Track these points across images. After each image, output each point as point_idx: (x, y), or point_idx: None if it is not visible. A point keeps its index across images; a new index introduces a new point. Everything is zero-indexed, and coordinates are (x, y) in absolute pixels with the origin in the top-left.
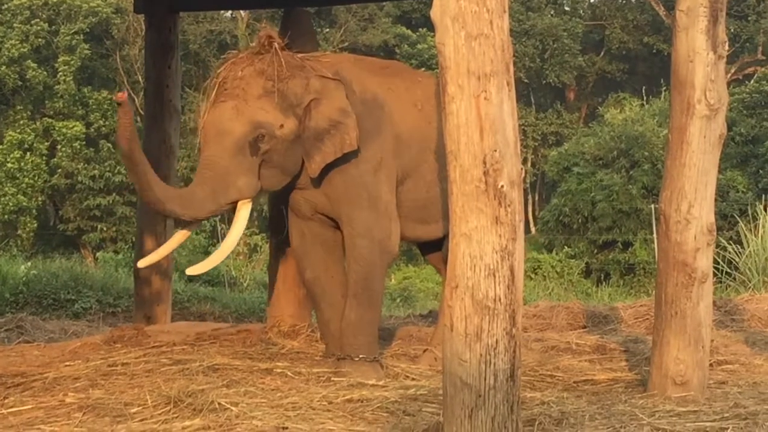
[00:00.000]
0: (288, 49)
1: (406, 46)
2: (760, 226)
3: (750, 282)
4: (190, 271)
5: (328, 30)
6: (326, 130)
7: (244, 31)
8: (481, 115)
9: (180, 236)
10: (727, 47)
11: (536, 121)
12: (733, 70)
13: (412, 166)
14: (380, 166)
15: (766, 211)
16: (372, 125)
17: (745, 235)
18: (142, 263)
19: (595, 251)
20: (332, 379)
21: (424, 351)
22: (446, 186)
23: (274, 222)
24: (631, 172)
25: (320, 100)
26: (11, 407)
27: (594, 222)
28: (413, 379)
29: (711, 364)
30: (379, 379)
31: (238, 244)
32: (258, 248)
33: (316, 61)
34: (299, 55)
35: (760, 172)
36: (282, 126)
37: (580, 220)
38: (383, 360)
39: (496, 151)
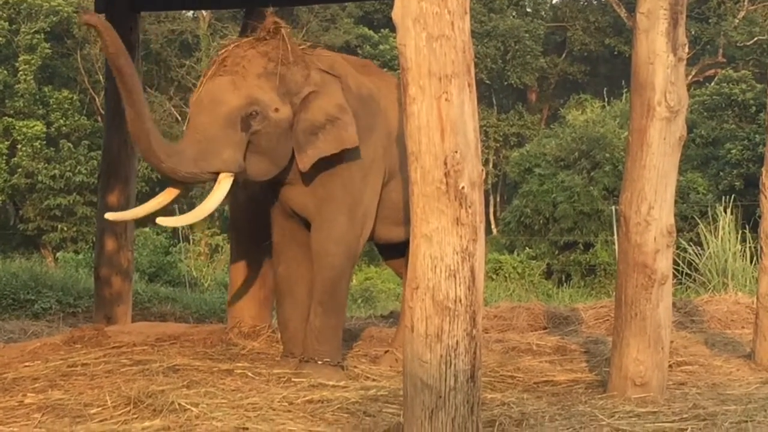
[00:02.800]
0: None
1: (368, 46)
2: (720, 228)
3: (710, 283)
4: (162, 220)
5: (289, 30)
6: (322, 125)
7: (205, 30)
8: (442, 117)
9: (158, 200)
10: (687, 49)
11: (498, 123)
12: (693, 73)
13: (398, 165)
14: (371, 168)
15: (725, 213)
16: (367, 123)
17: (705, 237)
18: (111, 215)
19: (557, 252)
20: (293, 380)
21: (385, 352)
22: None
23: (236, 221)
24: (592, 174)
25: (319, 93)
26: None
27: (555, 223)
28: (374, 380)
29: (670, 365)
30: (339, 380)
31: (198, 245)
32: (219, 249)
33: (316, 55)
34: (301, 47)
35: (720, 174)
36: (277, 110)
37: (541, 222)
38: (344, 361)
39: (457, 152)
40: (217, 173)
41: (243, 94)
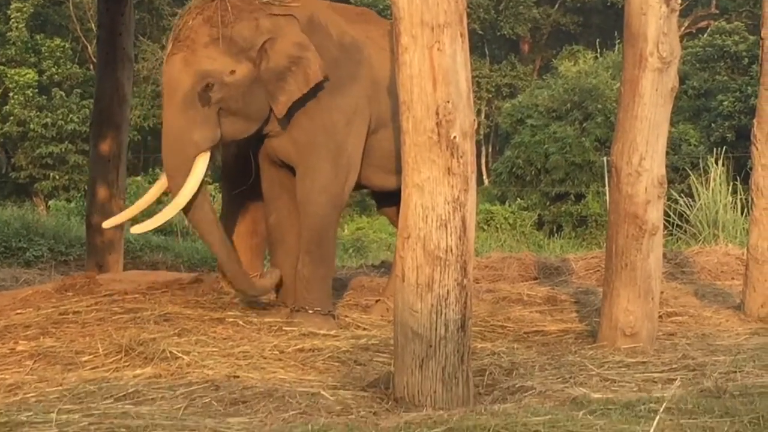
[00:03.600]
0: None
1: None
2: (711, 179)
3: (700, 235)
4: (136, 229)
5: None
6: (287, 68)
7: None
8: (434, 66)
9: (146, 200)
10: (680, 0)
11: (490, 73)
12: (686, 24)
13: (388, 114)
14: (354, 115)
15: (717, 164)
16: (349, 70)
17: (696, 189)
18: (106, 224)
19: (548, 203)
20: (284, 328)
21: (376, 301)
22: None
23: (228, 171)
24: (584, 125)
25: (275, 39)
26: None
27: (547, 174)
28: (365, 329)
29: (660, 316)
30: (330, 329)
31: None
32: (211, 198)
33: (281, 6)
34: (258, 0)
35: (712, 125)
36: (233, 72)
37: (533, 172)
38: (336, 311)
39: (448, 102)
40: (196, 157)
41: (192, 71)
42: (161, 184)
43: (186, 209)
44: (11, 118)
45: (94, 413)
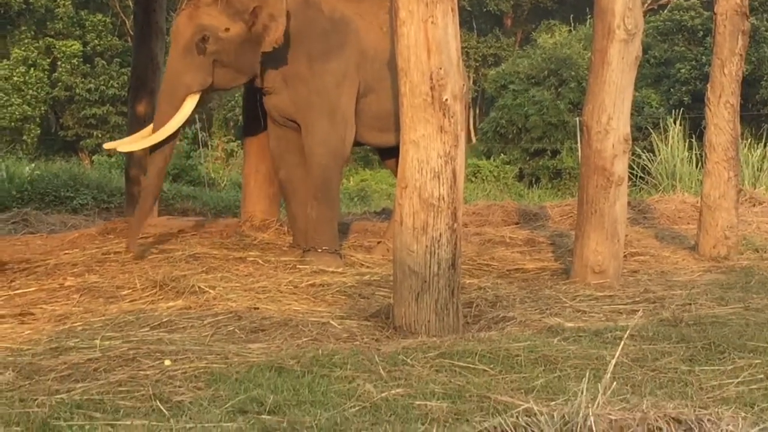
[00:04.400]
0: None
1: None
2: (670, 137)
3: (660, 185)
4: (110, 145)
5: None
6: (265, 28)
7: None
8: (429, 38)
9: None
10: None
11: (477, 45)
12: (649, 1)
13: (375, 80)
14: (344, 79)
15: (675, 124)
16: (338, 41)
17: (657, 145)
18: (107, 145)
19: (528, 158)
20: (297, 266)
21: (378, 243)
22: (398, 99)
23: (248, 129)
24: (559, 90)
25: (262, 6)
26: (17, 289)
27: (527, 133)
28: (368, 267)
29: (625, 256)
30: (338, 267)
31: (215, 150)
32: (234, 154)
33: None
34: None
35: (671, 90)
36: (227, 29)
37: (514, 131)
38: (342, 250)
39: (441, 68)
40: (186, 96)
41: (193, 24)
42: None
43: (155, 146)
44: (59, 84)
45: (133, 340)
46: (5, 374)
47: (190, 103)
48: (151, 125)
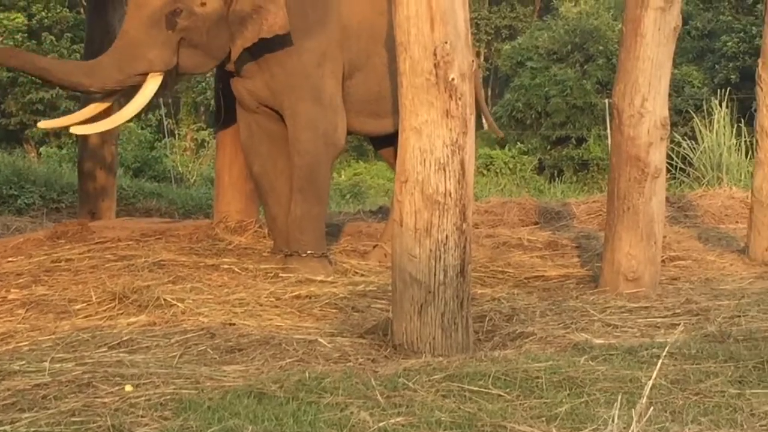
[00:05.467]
0: None
1: None
2: (715, 122)
3: (704, 178)
4: (77, 129)
5: None
6: (249, 15)
7: None
8: (432, 6)
9: (92, 108)
10: None
11: (489, 15)
12: None
13: (362, 58)
14: (324, 58)
15: (721, 106)
16: (316, 17)
17: (700, 131)
18: (42, 124)
19: (549, 147)
20: (280, 275)
21: (374, 247)
22: (396, 80)
23: (221, 116)
24: (585, 67)
25: None
26: None
27: (547, 117)
28: (362, 275)
29: (663, 260)
30: (327, 275)
31: (183, 140)
32: (205, 144)
33: None
34: None
35: (716, 67)
36: (203, 4)
37: (533, 116)
38: (332, 256)
39: (446, 43)
40: (145, 74)
41: None
42: (98, 105)
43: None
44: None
45: (88, 362)
46: None
47: (152, 84)
48: (96, 104)
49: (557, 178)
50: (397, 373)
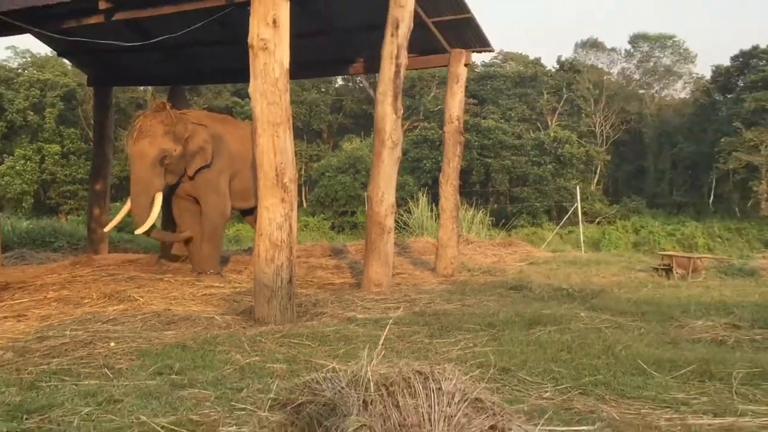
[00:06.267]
0: (172, 108)
1: (238, 107)
2: (420, 204)
3: (415, 232)
4: (108, 227)
5: (196, 97)
6: (196, 152)
7: (149, 97)
8: (275, 145)
9: (124, 210)
10: (402, 111)
11: (306, 148)
12: (407, 124)
13: (239, 169)
14: (222, 171)
15: (423, 197)
16: (218, 149)
17: (412, 209)
18: (106, 229)
19: (338, 216)
20: (195, 283)
21: (245, 268)
22: (256, 182)
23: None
24: (355, 176)
25: (192, 136)
26: (17, 300)
27: (337, 201)
28: (239, 283)
29: (393, 275)
30: (220, 284)
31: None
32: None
33: (189, 114)
34: (179, 112)
35: (421, 176)
36: (175, 150)
37: (329, 200)
38: (223, 273)
39: (282, 163)
40: (155, 194)
41: (157, 148)
42: (127, 207)
43: (148, 231)
44: (46, 171)
45: (90, 330)
46: (6, 354)
47: (159, 198)
48: (125, 207)
49: (341, 233)
50: (256, 334)
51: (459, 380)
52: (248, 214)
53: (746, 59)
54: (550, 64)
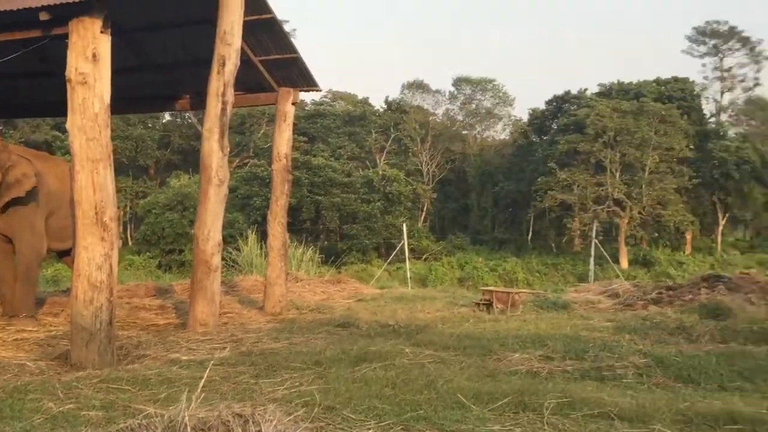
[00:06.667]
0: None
1: (58, 142)
2: (250, 241)
3: (243, 270)
4: None
5: (12, 131)
6: (12, 184)
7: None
8: (94, 182)
9: None
10: (229, 149)
11: (132, 185)
12: (237, 161)
13: (56, 207)
14: (38, 209)
15: (253, 234)
16: (37, 185)
17: (241, 246)
18: None
19: (165, 255)
20: (6, 327)
21: (62, 310)
22: (74, 220)
23: None
24: (183, 213)
25: (13, 166)
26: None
27: (164, 239)
28: (55, 326)
29: (221, 314)
30: (35, 327)
31: None
32: None
33: (11, 147)
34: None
35: (251, 213)
36: None
37: (156, 238)
38: (39, 316)
39: (102, 201)
40: None
41: None
42: None
43: None
44: None
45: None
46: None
47: None
48: None
49: (168, 271)
50: (72, 380)
51: (280, 422)
52: (65, 255)
53: (559, 103)
54: (378, 103)
